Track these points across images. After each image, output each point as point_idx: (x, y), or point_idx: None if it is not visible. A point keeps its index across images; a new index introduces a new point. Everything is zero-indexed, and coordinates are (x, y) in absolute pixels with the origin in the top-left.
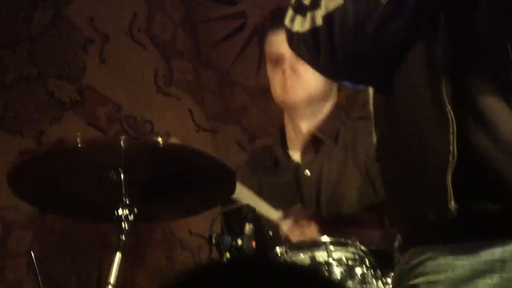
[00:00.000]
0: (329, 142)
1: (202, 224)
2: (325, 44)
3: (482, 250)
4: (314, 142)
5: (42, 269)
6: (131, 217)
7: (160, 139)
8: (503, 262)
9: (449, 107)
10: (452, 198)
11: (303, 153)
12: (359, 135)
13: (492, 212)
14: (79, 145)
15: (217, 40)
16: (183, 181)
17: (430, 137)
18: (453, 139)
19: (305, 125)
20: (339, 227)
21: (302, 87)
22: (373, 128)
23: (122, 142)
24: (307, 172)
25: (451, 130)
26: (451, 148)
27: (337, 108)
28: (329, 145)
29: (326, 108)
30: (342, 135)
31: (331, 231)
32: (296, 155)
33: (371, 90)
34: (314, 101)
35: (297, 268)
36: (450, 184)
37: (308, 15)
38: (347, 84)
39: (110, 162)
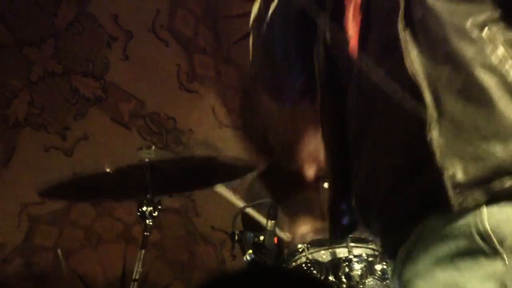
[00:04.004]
0: None
1: (225, 219)
2: None
3: None
4: None
5: (67, 264)
6: (155, 214)
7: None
8: None
9: None
10: None
11: None
12: None
13: None
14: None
15: (238, 37)
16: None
17: None
18: None
19: None
20: None
21: None
22: None
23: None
24: (326, 184)
25: None
26: None
27: None
28: None
29: None
30: None
31: None
32: None
33: None
34: None
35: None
36: None
37: None
38: None
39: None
